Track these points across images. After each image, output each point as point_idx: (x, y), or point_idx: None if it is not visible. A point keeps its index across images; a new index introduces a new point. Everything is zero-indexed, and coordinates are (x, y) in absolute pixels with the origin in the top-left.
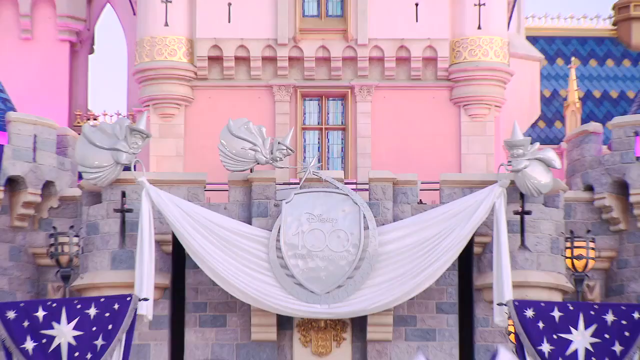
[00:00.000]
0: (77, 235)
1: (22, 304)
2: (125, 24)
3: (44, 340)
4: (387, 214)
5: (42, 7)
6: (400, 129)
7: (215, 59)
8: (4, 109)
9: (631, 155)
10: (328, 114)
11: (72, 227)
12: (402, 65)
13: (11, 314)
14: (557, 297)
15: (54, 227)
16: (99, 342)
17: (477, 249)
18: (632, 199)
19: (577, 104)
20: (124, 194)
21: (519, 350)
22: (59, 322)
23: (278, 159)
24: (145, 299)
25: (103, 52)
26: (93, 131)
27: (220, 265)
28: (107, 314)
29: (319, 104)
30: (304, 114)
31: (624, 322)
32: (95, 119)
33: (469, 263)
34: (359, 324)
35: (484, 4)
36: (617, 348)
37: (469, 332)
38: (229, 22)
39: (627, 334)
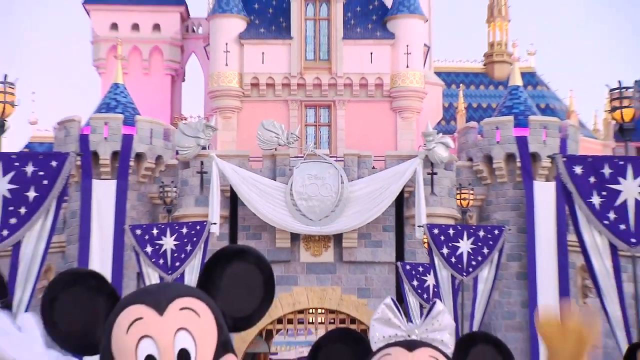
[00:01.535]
0: (175, 187)
1: (144, 226)
2: (203, 64)
3: (157, 247)
4: (354, 175)
5: (155, 55)
6: (361, 126)
7: (255, 85)
8: (134, 114)
9: (494, 140)
10: (320, 116)
11: (172, 181)
12: (363, 89)
13: (138, 231)
14: (451, 222)
15: (162, 182)
16: (188, 248)
17: (406, 194)
18: (494, 165)
19: (463, 111)
20: (202, 163)
21: (430, 252)
22: (165, 236)
23: (291, 142)
24: (214, 223)
25: (190, 80)
26: (184, 127)
27: (258, 204)
28: (192, 232)
29: (314, 111)
30: (306, 116)
31: (489, 235)
32: (185, 119)
33: (401, 202)
34: (337, 238)
35: (410, 53)
36: (485, 250)
37: (401, 242)
38: (263, 63)
39: (491, 242)
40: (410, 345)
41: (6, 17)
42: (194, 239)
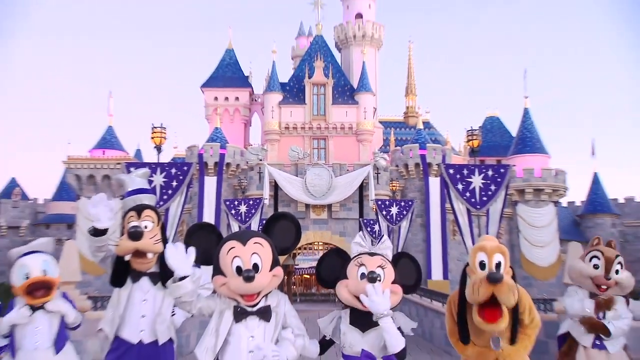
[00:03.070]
0: (246, 180)
1: (230, 199)
2: (260, 118)
3: (237, 210)
4: (337, 174)
5: (236, 113)
6: (341, 149)
7: (287, 128)
8: (225, 142)
9: (409, 156)
10: (320, 144)
11: (244, 177)
12: (342, 130)
13: (227, 203)
14: (387, 198)
15: (239, 178)
16: (253, 211)
17: (365, 184)
18: (409, 169)
19: (393, 142)
20: (260, 168)
21: (376, 213)
22: (241, 205)
23: (305, 157)
24: (266, 199)
25: (254, 126)
26: (250, 149)
27: (288, 189)
28: (255, 203)
29: (317, 141)
30: (313, 144)
31: (406, 205)
32: (251, 145)
33: (362, 189)
34: (329, 206)
35: (366, 112)
36: (404, 212)
37: (362, 208)
38: (291, 117)
39: (408, 208)
40: (371, 254)
41: (162, 93)
42: (256, 206)
